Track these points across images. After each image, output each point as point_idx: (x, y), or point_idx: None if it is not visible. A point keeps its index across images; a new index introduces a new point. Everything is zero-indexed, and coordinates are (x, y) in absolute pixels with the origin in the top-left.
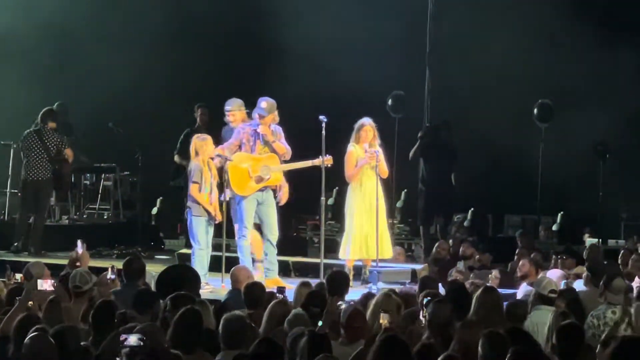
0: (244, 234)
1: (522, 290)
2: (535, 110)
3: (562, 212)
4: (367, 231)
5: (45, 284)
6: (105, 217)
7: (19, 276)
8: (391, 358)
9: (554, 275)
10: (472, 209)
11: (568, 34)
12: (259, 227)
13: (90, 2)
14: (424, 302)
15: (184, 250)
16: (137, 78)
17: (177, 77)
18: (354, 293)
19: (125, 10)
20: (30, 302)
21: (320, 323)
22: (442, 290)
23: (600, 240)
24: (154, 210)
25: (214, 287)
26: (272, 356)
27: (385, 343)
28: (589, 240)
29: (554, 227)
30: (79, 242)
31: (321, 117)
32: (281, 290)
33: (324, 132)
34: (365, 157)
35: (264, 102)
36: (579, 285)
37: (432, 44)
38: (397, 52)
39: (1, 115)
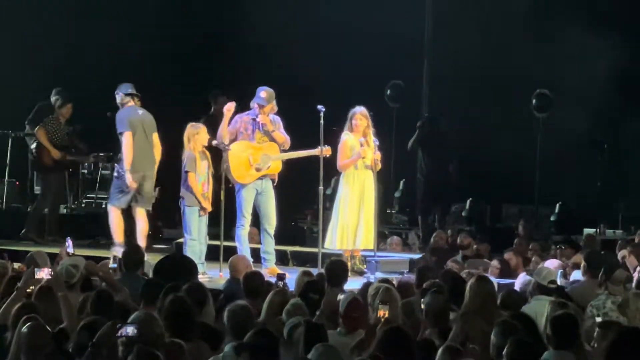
0: (243, 223)
1: (520, 280)
2: (534, 101)
3: (560, 203)
4: (351, 222)
5: (42, 273)
6: (103, 206)
7: (17, 265)
8: (394, 349)
9: (551, 265)
10: (470, 199)
11: (568, 24)
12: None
13: None
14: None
15: (182, 240)
16: (136, 68)
17: (175, 65)
18: (350, 283)
19: None
20: (30, 288)
21: (317, 313)
22: None
23: (598, 230)
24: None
25: (212, 276)
26: (266, 346)
27: (388, 334)
28: (586, 231)
29: (552, 218)
30: (69, 242)
31: (319, 107)
32: (281, 277)
33: (322, 121)
34: (360, 150)
35: (263, 92)
36: (577, 275)
37: (430, 33)
38: (396, 42)
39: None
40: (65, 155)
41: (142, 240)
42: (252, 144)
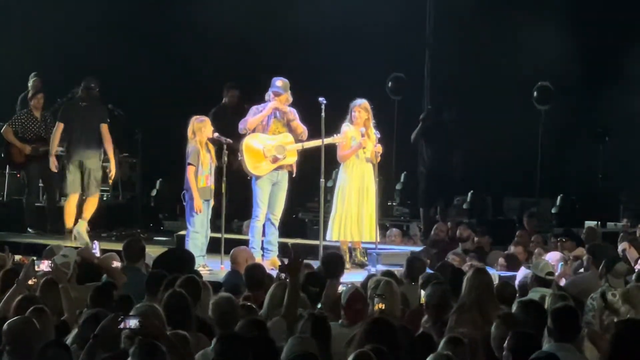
0: (257, 214)
1: (522, 273)
2: (535, 93)
3: (562, 195)
4: (350, 212)
5: (43, 265)
6: (104, 198)
7: (18, 257)
8: (377, 341)
9: (552, 257)
10: (471, 191)
11: (570, 16)
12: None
13: None
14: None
15: (184, 232)
16: (136, 59)
17: (176, 59)
18: (351, 275)
19: None
20: (32, 280)
21: (319, 305)
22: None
23: (599, 222)
24: (154, 192)
25: (212, 268)
26: (263, 338)
27: (372, 326)
28: (587, 223)
29: (554, 210)
30: (95, 244)
31: (320, 99)
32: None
33: (323, 114)
34: (361, 140)
35: (279, 81)
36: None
37: (432, 25)
38: (397, 34)
39: None
40: (38, 147)
41: (86, 215)
42: (267, 135)
